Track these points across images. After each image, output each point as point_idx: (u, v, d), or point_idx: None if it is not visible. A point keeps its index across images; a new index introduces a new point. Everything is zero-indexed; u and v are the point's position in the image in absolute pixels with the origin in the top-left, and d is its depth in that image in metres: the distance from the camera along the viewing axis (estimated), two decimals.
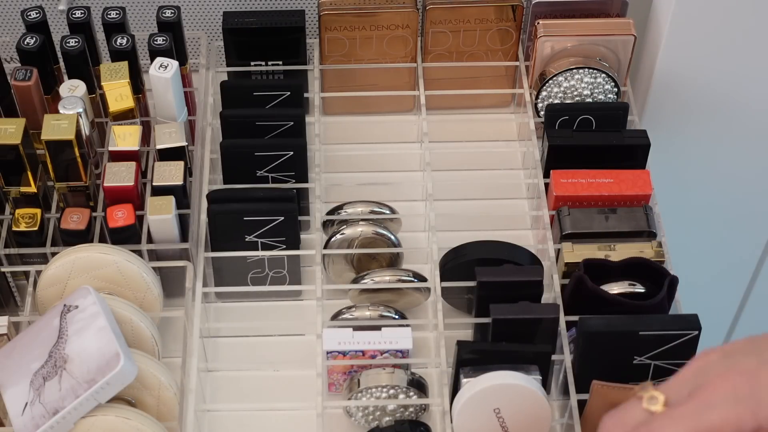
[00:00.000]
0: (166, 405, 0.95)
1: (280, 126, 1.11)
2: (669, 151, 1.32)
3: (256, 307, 1.11)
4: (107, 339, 0.91)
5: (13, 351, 0.94)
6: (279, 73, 1.22)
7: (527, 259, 1.04)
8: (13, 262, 1.05)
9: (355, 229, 1.08)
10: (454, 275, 1.04)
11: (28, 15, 1.11)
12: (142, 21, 1.27)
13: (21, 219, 1.04)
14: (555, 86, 1.19)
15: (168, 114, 1.11)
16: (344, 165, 1.21)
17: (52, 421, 0.89)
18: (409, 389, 0.98)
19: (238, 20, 1.18)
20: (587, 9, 1.20)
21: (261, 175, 1.11)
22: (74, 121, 1.02)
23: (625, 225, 1.06)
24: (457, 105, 1.28)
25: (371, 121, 1.27)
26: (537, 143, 1.17)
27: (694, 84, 1.25)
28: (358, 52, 1.23)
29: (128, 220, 1.02)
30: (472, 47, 1.24)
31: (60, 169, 1.04)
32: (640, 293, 1.00)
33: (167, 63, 1.08)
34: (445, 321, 1.02)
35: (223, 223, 1.05)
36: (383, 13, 1.20)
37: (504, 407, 0.92)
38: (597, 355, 0.96)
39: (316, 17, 1.23)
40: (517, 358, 0.94)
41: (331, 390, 1.03)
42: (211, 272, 1.08)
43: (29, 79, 1.07)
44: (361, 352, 0.99)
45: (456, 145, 1.24)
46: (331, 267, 1.09)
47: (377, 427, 1.00)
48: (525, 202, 1.20)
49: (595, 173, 1.09)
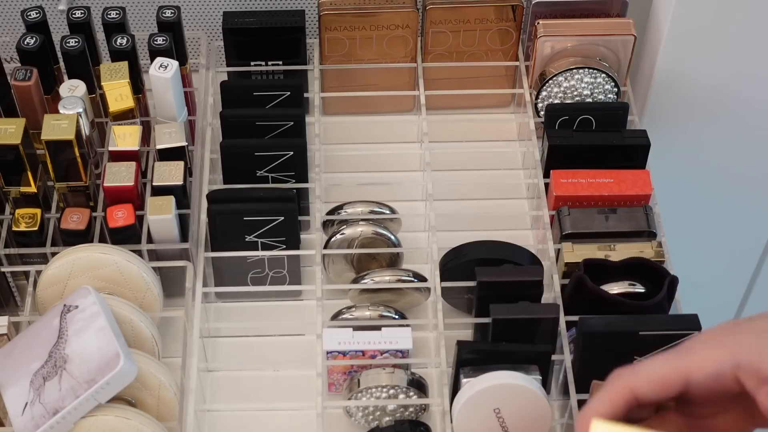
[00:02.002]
0: (166, 405, 0.95)
1: (280, 126, 1.11)
2: (669, 151, 1.32)
3: (256, 307, 1.11)
4: (107, 339, 0.91)
5: (13, 351, 0.94)
6: (279, 73, 1.22)
7: (527, 259, 1.04)
8: (13, 262, 1.05)
9: (355, 229, 1.08)
10: (454, 275, 1.04)
11: (28, 15, 1.11)
12: (142, 21, 1.27)
13: (21, 219, 1.04)
14: (555, 86, 1.19)
15: (168, 114, 1.11)
16: (344, 165, 1.21)
17: (52, 421, 0.89)
18: (409, 389, 0.98)
19: (238, 20, 1.18)
20: (587, 9, 1.20)
21: (261, 175, 1.11)
22: (74, 121, 1.02)
23: (625, 225, 1.06)
24: (457, 105, 1.28)
25: (371, 121, 1.27)
26: (537, 143, 1.17)
27: (694, 84, 1.25)
28: (358, 52, 1.23)
29: (128, 220, 1.02)
30: (472, 47, 1.24)
31: (60, 169, 1.04)
32: (640, 293, 1.00)
33: (167, 63, 1.08)
34: (445, 321, 1.02)
35: (223, 223, 1.05)
36: (383, 13, 1.20)
37: (504, 407, 0.92)
38: (597, 355, 0.96)
39: (316, 17, 1.23)
40: (517, 358, 0.94)
41: (331, 390, 1.03)
42: (211, 272, 1.08)
43: (29, 79, 1.07)
44: (361, 352, 0.99)
45: (456, 145, 1.24)
46: (331, 267, 1.09)
47: (377, 427, 1.00)
48: (525, 202, 1.20)
49: (595, 173, 1.09)
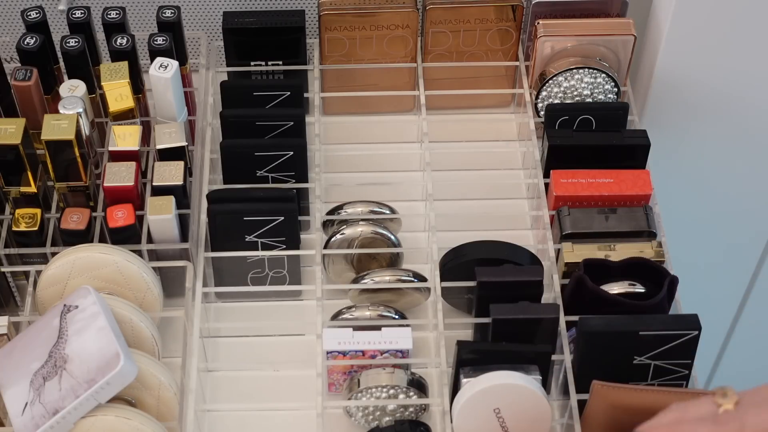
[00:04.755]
0: (166, 405, 0.95)
1: (280, 126, 1.11)
2: (669, 151, 1.32)
3: (256, 307, 1.11)
4: (107, 339, 0.91)
5: (13, 351, 0.94)
6: (279, 73, 1.22)
7: (527, 259, 1.04)
8: (13, 262, 1.05)
9: (355, 229, 1.08)
10: (454, 275, 1.04)
11: (28, 15, 1.11)
12: (142, 21, 1.27)
13: (21, 219, 1.04)
14: (555, 86, 1.19)
15: (168, 114, 1.11)
16: (344, 165, 1.21)
17: (52, 421, 0.89)
18: (409, 389, 0.98)
19: (238, 20, 1.18)
20: (587, 9, 1.20)
21: (261, 175, 1.11)
22: (74, 121, 1.02)
23: (625, 225, 1.06)
24: (457, 105, 1.28)
25: (371, 121, 1.27)
26: (537, 143, 1.17)
27: (694, 84, 1.25)
28: (358, 52, 1.23)
29: (128, 220, 1.02)
30: (472, 47, 1.24)
31: (60, 169, 1.04)
32: (640, 293, 1.00)
33: (167, 63, 1.08)
34: (445, 321, 1.02)
35: (223, 223, 1.05)
36: (383, 13, 1.20)
37: (504, 407, 0.92)
38: (597, 355, 0.96)
39: (316, 17, 1.23)
40: (517, 358, 0.94)
41: (331, 390, 1.03)
42: (211, 272, 1.08)
43: (29, 79, 1.07)
44: (361, 352, 0.99)
45: (456, 145, 1.24)
46: (331, 267, 1.09)
47: (377, 427, 1.00)
48: (525, 202, 1.20)
49: (595, 173, 1.09)
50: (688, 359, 0.96)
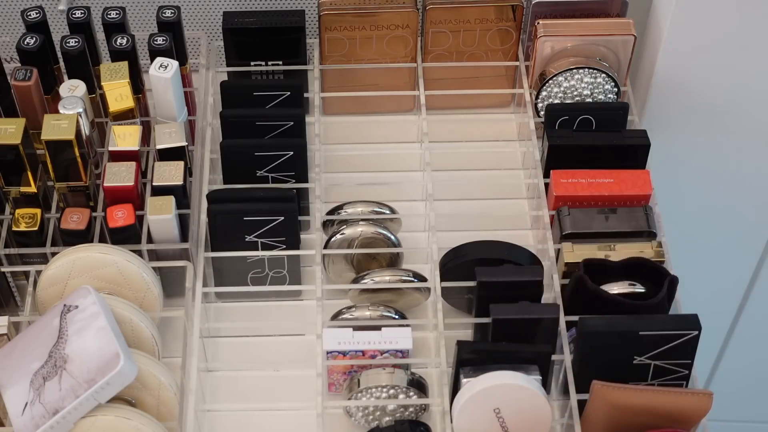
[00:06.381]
0: (166, 405, 0.95)
1: (280, 126, 1.11)
2: (669, 151, 1.32)
3: (256, 307, 1.11)
4: (107, 339, 0.91)
5: (13, 351, 0.94)
6: (279, 73, 1.22)
7: (527, 259, 1.04)
8: (13, 262, 1.05)
9: (355, 229, 1.08)
10: (454, 275, 1.04)
11: (28, 15, 1.11)
12: (142, 21, 1.27)
13: (21, 219, 1.04)
14: (555, 86, 1.19)
15: (168, 114, 1.11)
16: (344, 165, 1.21)
17: (52, 421, 0.89)
18: (409, 389, 0.98)
19: (238, 20, 1.18)
20: (587, 9, 1.20)
21: (261, 175, 1.11)
22: (74, 121, 1.02)
23: (625, 225, 1.06)
24: (457, 105, 1.28)
25: (371, 121, 1.27)
26: (537, 143, 1.17)
27: (694, 84, 1.25)
28: (358, 52, 1.23)
29: (128, 220, 1.03)
30: (472, 47, 1.24)
31: (60, 169, 1.04)
32: (640, 293, 1.00)
33: (167, 63, 1.08)
34: (445, 321, 1.02)
35: (223, 223, 1.05)
36: (383, 13, 1.20)
37: (504, 407, 0.92)
38: (597, 355, 0.96)
39: (316, 17, 1.23)
40: (517, 358, 0.94)
41: (331, 390, 1.03)
42: (211, 272, 1.08)
43: (29, 79, 1.07)
44: (361, 352, 0.99)
45: (456, 145, 1.24)
46: (331, 267, 1.09)
47: (377, 427, 1.00)
48: (525, 202, 1.20)
49: (595, 173, 1.09)
50: (688, 359, 0.96)
